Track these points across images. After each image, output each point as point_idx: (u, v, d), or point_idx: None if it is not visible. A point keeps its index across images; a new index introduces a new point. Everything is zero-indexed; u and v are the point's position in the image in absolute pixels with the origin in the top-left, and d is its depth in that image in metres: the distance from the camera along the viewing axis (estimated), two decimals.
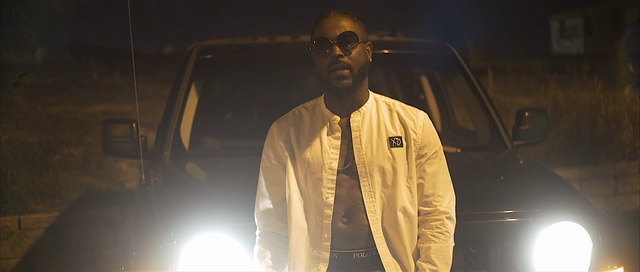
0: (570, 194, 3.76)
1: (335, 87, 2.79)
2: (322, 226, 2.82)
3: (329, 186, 2.82)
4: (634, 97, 8.99)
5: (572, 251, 3.39)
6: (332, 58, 2.76)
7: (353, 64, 2.78)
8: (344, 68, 2.76)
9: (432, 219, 2.88)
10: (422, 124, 2.90)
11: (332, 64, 2.77)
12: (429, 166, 2.89)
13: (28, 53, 8.26)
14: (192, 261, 3.20)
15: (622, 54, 10.08)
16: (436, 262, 2.83)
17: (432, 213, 2.88)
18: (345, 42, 2.77)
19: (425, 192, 2.89)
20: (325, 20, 2.80)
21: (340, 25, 2.78)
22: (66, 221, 6.33)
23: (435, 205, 2.88)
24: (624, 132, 8.44)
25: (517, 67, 17.16)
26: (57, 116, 10.72)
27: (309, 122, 2.92)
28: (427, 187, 2.88)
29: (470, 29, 30.53)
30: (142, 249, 3.31)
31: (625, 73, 9.65)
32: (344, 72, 2.77)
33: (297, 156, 2.88)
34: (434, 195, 2.89)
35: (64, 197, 7.01)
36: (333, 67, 2.77)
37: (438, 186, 2.89)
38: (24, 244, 6.24)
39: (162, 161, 4.37)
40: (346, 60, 2.77)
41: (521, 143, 4.68)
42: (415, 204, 2.89)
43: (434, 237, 2.85)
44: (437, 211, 2.88)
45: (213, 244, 3.22)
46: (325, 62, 2.78)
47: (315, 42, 2.80)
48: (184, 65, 4.88)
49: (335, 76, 2.77)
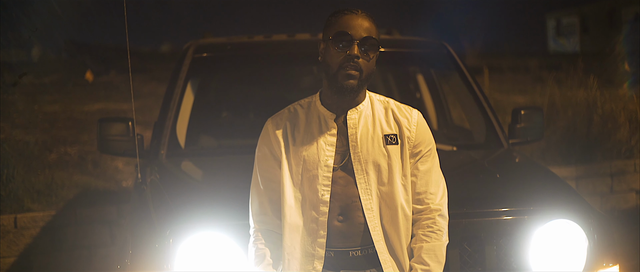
0: (566, 192, 3.77)
1: (340, 83, 2.77)
2: (317, 223, 2.82)
3: (325, 183, 2.82)
4: (631, 95, 9.00)
5: (568, 249, 3.40)
6: (348, 55, 2.75)
7: (364, 69, 2.77)
8: (356, 69, 2.75)
9: (423, 217, 2.88)
10: (416, 122, 2.91)
11: (346, 60, 2.75)
12: (422, 164, 2.90)
13: (24, 52, 8.26)
14: (188, 259, 3.20)
15: (619, 52, 10.09)
16: (428, 261, 2.83)
17: (424, 211, 2.89)
18: (366, 47, 2.76)
19: (418, 189, 2.89)
20: (353, 17, 2.78)
21: (366, 27, 2.77)
22: (62, 219, 6.33)
23: (427, 203, 2.89)
24: (620, 130, 8.45)
25: (513, 66, 17.17)
26: (54, 115, 10.71)
27: (304, 119, 2.92)
28: (419, 184, 2.89)
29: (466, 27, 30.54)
30: (138, 248, 3.31)
31: (622, 71, 9.65)
32: (355, 73, 2.76)
33: (293, 153, 2.87)
34: (426, 192, 2.89)
35: (61, 195, 7.01)
36: (346, 65, 2.75)
37: (430, 183, 2.90)
38: (20, 243, 6.24)
39: (158, 159, 4.37)
40: (360, 63, 2.75)
41: (517, 141, 4.69)
42: (410, 202, 2.89)
43: (425, 237, 2.85)
44: (428, 209, 2.88)
45: (209, 243, 3.22)
46: (339, 56, 2.76)
47: (337, 34, 2.77)
48: (180, 63, 4.88)
49: (345, 74, 2.76)
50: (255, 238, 2.93)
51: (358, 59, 2.74)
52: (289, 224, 2.86)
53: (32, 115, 8.78)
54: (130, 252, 3.32)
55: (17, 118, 8.27)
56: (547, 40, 42.13)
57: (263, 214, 2.92)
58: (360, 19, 2.77)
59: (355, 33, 2.75)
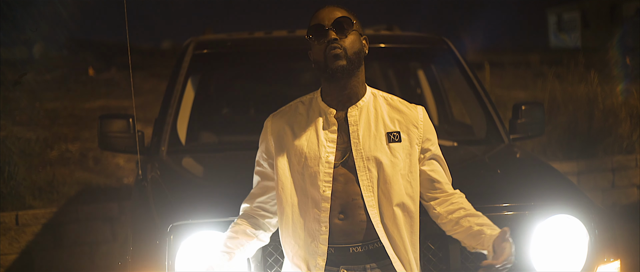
0: (567, 187, 3.76)
1: (330, 68, 2.79)
2: (319, 219, 2.82)
3: (326, 179, 2.82)
4: (631, 91, 9.00)
5: (569, 244, 3.40)
6: (327, 42, 2.79)
7: (348, 47, 2.80)
8: (338, 49, 2.79)
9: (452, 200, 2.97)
10: (422, 119, 2.92)
11: (327, 47, 2.79)
12: (434, 157, 2.96)
13: (25, 49, 8.26)
14: (189, 255, 3.20)
15: (619, 47, 10.08)
16: (478, 214, 2.94)
17: (452, 195, 2.97)
18: (340, 27, 2.81)
19: (435, 180, 2.95)
20: (320, 11, 2.85)
21: (335, 13, 2.83)
22: (64, 216, 6.34)
23: (446, 190, 2.97)
24: (621, 125, 8.45)
25: (514, 61, 17.18)
26: (55, 112, 10.72)
27: (305, 115, 2.92)
28: (437, 173, 2.96)
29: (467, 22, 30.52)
30: (139, 244, 3.32)
31: (621, 66, 9.64)
32: (339, 51, 2.78)
33: (293, 149, 2.88)
34: (442, 182, 2.97)
35: (62, 192, 7.01)
36: (328, 50, 2.79)
37: (446, 169, 3.01)
38: (21, 240, 6.25)
39: (159, 156, 4.38)
40: (341, 43, 2.80)
41: (518, 136, 4.68)
42: (416, 199, 2.90)
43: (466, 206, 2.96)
44: (452, 193, 2.98)
45: (210, 239, 3.22)
46: (321, 47, 2.81)
47: (310, 30, 2.83)
48: (181, 60, 4.88)
49: (331, 56, 2.78)
50: (234, 224, 2.99)
51: (336, 41, 2.79)
52: (291, 222, 2.87)
53: (34, 112, 8.79)
54: (131, 248, 3.32)
55: (19, 115, 8.28)
56: (548, 35, 42.10)
57: (250, 203, 3.01)
58: (328, 9, 2.85)
59: (327, 20, 2.81)
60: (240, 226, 2.97)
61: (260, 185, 3.01)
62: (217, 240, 3.09)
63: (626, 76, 9.45)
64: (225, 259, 2.89)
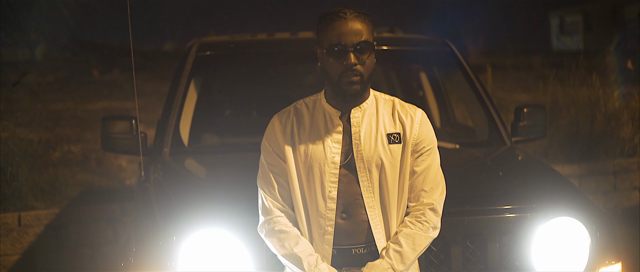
0: (569, 189, 3.77)
1: (344, 90, 2.79)
2: (325, 220, 2.82)
3: (332, 180, 2.83)
4: (633, 94, 9.00)
5: (570, 247, 3.40)
6: (346, 65, 2.75)
7: (365, 72, 2.79)
8: (356, 75, 2.76)
9: (413, 209, 2.88)
10: (419, 121, 2.91)
11: (346, 70, 2.76)
12: (421, 162, 2.90)
13: (28, 50, 8.27)
14: (192, 257, 3.21)
15: (618, 52, 10.08)
16: (403, 243, 2.81)
17: (417, 206, 2.89)
18: (361, 52, 2.76)
19: (415, 187, 2.89)
20: (343, 24, 2.77)
21: (357, 30, 2.76)
22: (66, 217, 6.34)
23: (421, 199, 2.89)
24: (623, 128, 8.45)
25: (516, 64, 17.18)
26: (57, 113, 10.73)
27: (309, 117, 2.93)
28: (417, 182, 2.89)
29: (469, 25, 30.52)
30: (141, 246, 3.32)
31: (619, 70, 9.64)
32: (356, 78, 2.77)
33: (299, 150, 2.88)
34: (422, 190, 2.89)
35: (64, 194, 7.02)
36: (346, 74, 2.76)
37: (427, 181, 2.89)
38: (24, 241, 6.26)
39: (162, 157, 4.38)
40: (359, 69, 2.77)
41: (520, 139, 4.69)
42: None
43: (410, 224, 2.85)
44: (421, 204, 2.88)
45: (212, 240, 3.23)
46: (338, 67, 2.77)
47: (330, 46, 2.77)
48: (183, 62, 4.89)
49: (347, 82, 2.77)
50: (275, 224, 2.87)
51: (356, 66, 2.75)
52: (296, 221, 2.88)
53: (36, 114, 8.81)
54: (133, 250, 3.33)
55: (21, 116, 8.29)
56: (551, 38, 42.06)
57: (276, 201, 2.89)
58: (350, 23, 2.76)
59: (348, 41, 2.75)
60: (293, 229, 2.87)
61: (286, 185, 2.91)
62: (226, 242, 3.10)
63: (626, 80, 9.45)
64: (315, 259, 2.83)
